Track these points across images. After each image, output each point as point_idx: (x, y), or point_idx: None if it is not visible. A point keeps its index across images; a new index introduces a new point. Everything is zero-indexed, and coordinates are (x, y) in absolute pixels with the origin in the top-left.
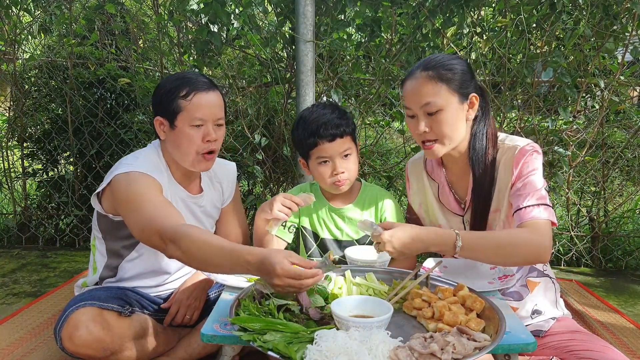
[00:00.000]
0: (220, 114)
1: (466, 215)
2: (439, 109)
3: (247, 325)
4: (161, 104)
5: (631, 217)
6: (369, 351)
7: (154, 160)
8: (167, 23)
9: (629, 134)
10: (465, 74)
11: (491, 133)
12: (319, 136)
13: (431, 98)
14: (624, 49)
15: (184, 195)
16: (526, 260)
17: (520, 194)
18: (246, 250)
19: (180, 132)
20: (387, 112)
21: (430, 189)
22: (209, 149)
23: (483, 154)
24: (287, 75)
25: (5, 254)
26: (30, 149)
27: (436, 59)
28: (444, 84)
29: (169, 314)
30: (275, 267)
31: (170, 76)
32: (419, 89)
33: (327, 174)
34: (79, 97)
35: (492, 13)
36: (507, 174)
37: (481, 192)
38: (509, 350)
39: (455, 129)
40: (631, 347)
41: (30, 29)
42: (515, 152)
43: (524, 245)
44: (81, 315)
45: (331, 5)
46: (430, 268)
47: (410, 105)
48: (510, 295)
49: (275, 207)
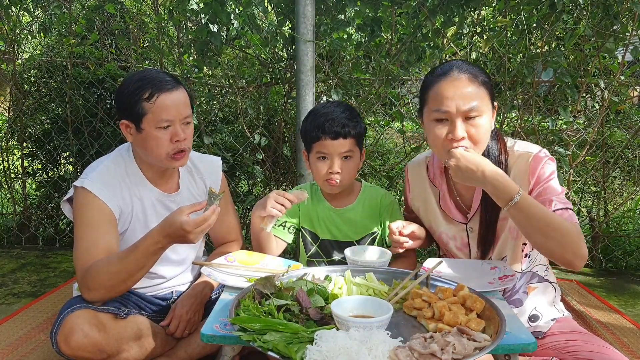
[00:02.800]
0: (186, 112)
1: (470, 223)
2: (479, 114)
3: (247, 325)
4: (125, 107)
5: (631, 217)
6: (369, 351)
7: (115, 170)
8: (167, 23)
9: (629, 133)
10: (491, 81)
11: (501, 140)
12: (323, 131)
13: (476, 101)
14: (624, 49)
15: (158, 195)
16: (562, 255)
17: (544, 199)
18: (148, 236)
19: (147, 135)
20: (387, 112)
21: (433, 195)
22: (178, 148)
23: (495, 161)
24: (287, 75)
25: (5, 254)
26: (30, 149)
27: (465, 64)
28: (485, 89)
29: (168, 331)
30: (183, 227)
31: (131, 76)
32: (462, 91)
33: (322, 170)
34: (79, 97)
35: (492, 13)
36: (522, 183)
37: (491, 202)
38: (509, 351)
39: (488, 137)
40: (631, 347)
41: (30, 29)
42: (529, 159)
43: (571, 240)
44: (76, 318)
45: (331, 5)
46: (430, 268)
47: (449, 108)
48: (512, 303)
49: (268, 204)
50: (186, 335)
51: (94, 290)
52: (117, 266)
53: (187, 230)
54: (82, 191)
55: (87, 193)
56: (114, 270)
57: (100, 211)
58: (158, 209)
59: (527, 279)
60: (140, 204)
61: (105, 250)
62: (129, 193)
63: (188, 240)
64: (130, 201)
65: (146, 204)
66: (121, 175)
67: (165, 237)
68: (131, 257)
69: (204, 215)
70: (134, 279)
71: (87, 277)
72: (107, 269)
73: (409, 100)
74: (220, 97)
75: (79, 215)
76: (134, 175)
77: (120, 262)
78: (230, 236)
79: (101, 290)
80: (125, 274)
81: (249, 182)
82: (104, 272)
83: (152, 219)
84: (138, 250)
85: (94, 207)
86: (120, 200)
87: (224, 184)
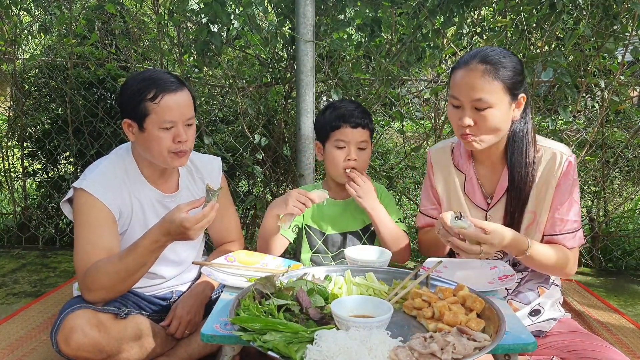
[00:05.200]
0: (190, 114)
1: (490, 211)
2: (489, 106)
3: (247, 325)
4: (128, 106)
5: (631, 217)
6: (369, 351)
7: (114, 171)
8: (167, 23)
9: (629, 133)
10: (519, 74)
11: (532, 133)
12: (345, 120)
13: (485, 94)
14: (624, 49)
15: (158, 196)
16: (552, 274)
17: (560, 214)
18: (147, 234)
19: (150, 135)
20: (387, 112)
21: (457, 179)
22: (179, 149)
23: (524, 154)
24: (287, 75)
25: (5, 254)
26: (30, 149)
27: (494, 53)
28: (499, 83)
29: (168, 331)
30: (182, 224)
31: (135, 75)
32: (473, 82)
33: (340, 158)
34: (79, 97)
35: (492, 13)
36: (550, 179)
37: (519, 192)
38: (509, 350)
39: (499, 127)
40: (631, 347)
41: (30, 29)
42: (562, 160)
43: (564, 269)
44: (76, 318)
45: (331, 5)
46: (430, 268)
47: (460, 97)
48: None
49: (290, 202)
50: (186, 336)
51: (95, 290)
52: (117, 266)
53: (187, 227)
54: (81, 192)
55: (86, 194)
56: (114, 270)
57: (99, 212)
58: (157, 209)
59: (539, 280)
60: (139, 204)
61: (105, 251)
62: (129, 193)
63: (188, 237)
64: (130, 201)
65: (145, 204)
66: (120, 175)
67: (165, 235)
68: (131, 256)
69: (203, 212)
70: (134, 279)
71: (88, 278)
72: (107, 269)
73: (409, 100)
74: (221, 97)
75: (79, 216)
76: (133, 175)
77: (121, 261)
78: (231, 236)
79: (102, 290)
80: (125, 273)
81: (249, 182)
82: (104, 272)
83: (151, 219)
84: (138, 249)
85: (93, 208)
86: (119, 200)
87: (223, 183)
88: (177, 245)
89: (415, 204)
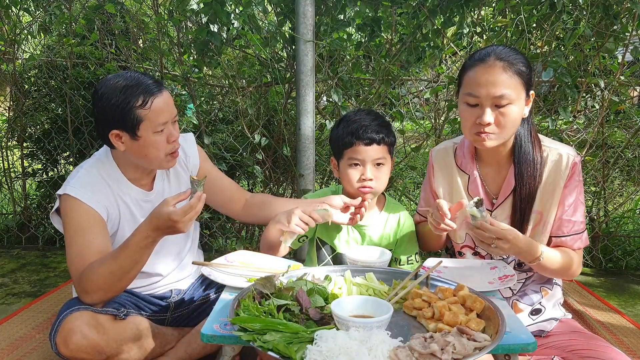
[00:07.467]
0: (175, 111)
1: (496, 211)
2: (510, 102)
3: (247, 325)
4: (114, 117)
5: (631, 217)
6: (369, 351)
7: (97, 173)
8: (167, 23)
9: (629, 133)
10: (531, 70)
11: (535, 132)
12: (357, 137)
13: (507, 90)
14: (624, 49)
15: (142, 195)
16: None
17: (567, 215)
18: (137, 231)
19: (145, 140)
20: (387, 112)
21: (460, 180)
22: (174, 149)
23: (531, 153)
24: (287, 75)
25: (5, 254)
26: (30, 149)
27: (505, 50)
28: (519, 78)
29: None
30: (171, 218)
31: (110, 85)
32: (495, 78)
33: (355, 178)
34: (79, 97)
35: (492, 13)
36: (557, 180)
37: (527, 191)
38: (509, 350)
39: (516, 124)
40: (631, 347)
41: (30, 29)
42: (568, 162)
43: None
44: (75, 319)
45: (331, 5)
46: (430, 268)
47: (479, 94)
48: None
49: (293, 220)
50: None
51: (92, 292)
52: (111, 266)
53: (175, 220)
54: (67, 198)
55: (71, 199)
56: (108, 270)
57: (87, 215)
58: (143, 206)
59: (542, 280)
60: (125, 205)
61: (97, 252)
62: (113, 195)
63: (178, 230)
64: (116, 202)
65: (131, 204)
66: (103, 177)
67: (154, 230)
68: (123, 254)
69: (190, 203)
70: (129, 277)
71: (83, 280)
72: (102, 270)
73: (409, 100)
74: (220, 97)
75: (67, 221)
76: (115, 177)
77: (114, 261)
78: (237, 195)
79: (99, 292)
80: (120, 272)
81: (249, 182)
82: (98, 273)
83: (140, 218)
84: (129, 247)
85: (80, 211)
86: (105, 202)
87: (202, 155)
88: (170, 238)
89: (415, 204)
